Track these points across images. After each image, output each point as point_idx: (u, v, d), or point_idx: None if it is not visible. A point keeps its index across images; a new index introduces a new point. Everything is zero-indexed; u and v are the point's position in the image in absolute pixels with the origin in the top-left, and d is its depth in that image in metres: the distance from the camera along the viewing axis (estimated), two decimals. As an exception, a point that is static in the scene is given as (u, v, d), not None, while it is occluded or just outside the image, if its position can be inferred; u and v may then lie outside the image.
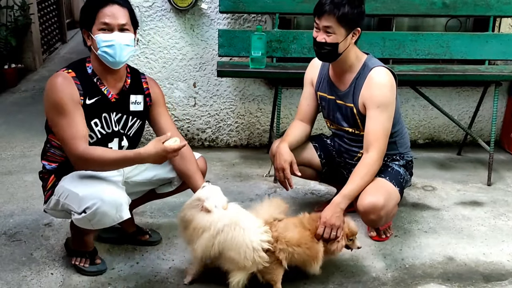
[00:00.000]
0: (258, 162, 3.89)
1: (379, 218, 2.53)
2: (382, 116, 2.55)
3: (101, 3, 2.24)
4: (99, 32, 2.24)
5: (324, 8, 2.46)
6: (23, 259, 2.61)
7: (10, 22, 5.73)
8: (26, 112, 4.94)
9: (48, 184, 2.39)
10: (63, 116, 2.21)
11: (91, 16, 2.24)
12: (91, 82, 2.32)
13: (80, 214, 2.23)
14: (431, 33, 3.82)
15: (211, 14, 3.84)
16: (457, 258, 2.73)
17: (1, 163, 3.76)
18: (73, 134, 2.20)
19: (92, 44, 2.28)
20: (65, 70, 2.28)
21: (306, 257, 2.31)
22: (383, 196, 2.51)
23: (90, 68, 2.33)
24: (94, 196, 2.20)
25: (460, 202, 3.35)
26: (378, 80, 2.55)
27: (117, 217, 2.24)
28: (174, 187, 2.61)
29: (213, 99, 4.06)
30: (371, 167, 2.55)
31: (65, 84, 2.23)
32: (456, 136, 4.34)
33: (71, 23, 8.88)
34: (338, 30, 2.47)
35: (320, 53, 2.59)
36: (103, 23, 2.23)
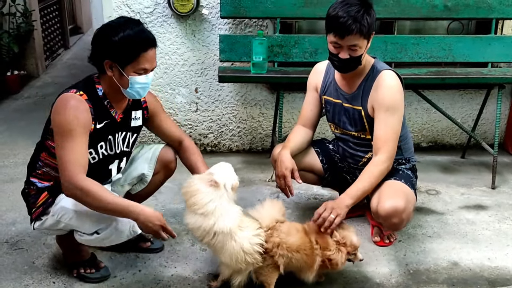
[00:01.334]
0: (261, 167, 3.88)
1: (401, 221, 2.51)
2: (392, 119, 2.53)
3: (144, 47, 2.18)
4: (134, 74, 2.21)
5: (350, 28, 2.35)
6: (25, 267, 2.60)
7: (12, 29, 5.73)
8: (28, 119, 4.94)
9: (39, 201, 2.34)
10: (70, 139, 2.14)
11: (130, 58, 2.17)
12: (102, 106, 2.28)
13: (92, 235, 2.24)
14: (433, 36, 3.80)
15: (212, 19, 3.83)
16: (462, 263, 2.70)
17: (4, 170, 3.76)
18: (74, 160, 2.13)
19: (117, 79, 2.23)
20: (77, 92, 2.21)
21: (303, 264, 2.30)
22: (403, 199, 2.50)
23: (101, 91, 2.28)
24: (108, 216, 2.20)
25: (464, 206, 3.32)
26: (388, 83, 2.54)
27: (131, 232, 2.28)
28: (146, 183, 2.62)
29: (215, 104, 4.06)
30: (379, 169, 2.53)
31: (80, 109, 2.17)
32: (459, 139, 4.32)
33: (74, 29, 8.90)
34: (362, 43, 2.43)
35: (345, 68, 2.53)
36: (143, 68, 2.21)
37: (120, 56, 2.17)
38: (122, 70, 2.19)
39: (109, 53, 2.18)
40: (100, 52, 2.21)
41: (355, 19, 2.36)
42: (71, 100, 2.17)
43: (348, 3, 2.41)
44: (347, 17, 2.36)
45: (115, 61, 2.19)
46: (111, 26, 2.21)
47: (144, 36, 2.19)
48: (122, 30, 2.15)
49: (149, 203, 2.83)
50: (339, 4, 2.43)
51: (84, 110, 2.18)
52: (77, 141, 2.15)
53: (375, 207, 2.52)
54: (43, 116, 4.88)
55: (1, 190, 3.44)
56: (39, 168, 2.36)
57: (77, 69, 6.85)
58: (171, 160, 2.60)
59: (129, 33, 2.15)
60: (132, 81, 2.21)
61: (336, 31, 2.41)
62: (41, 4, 6.74)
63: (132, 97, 2.32)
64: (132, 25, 2.19)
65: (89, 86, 2.27)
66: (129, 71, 2.20)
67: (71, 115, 2.13)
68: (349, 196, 2.45)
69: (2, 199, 3.32)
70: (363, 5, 2.41)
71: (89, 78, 2.31)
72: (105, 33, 2.20)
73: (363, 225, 3.03)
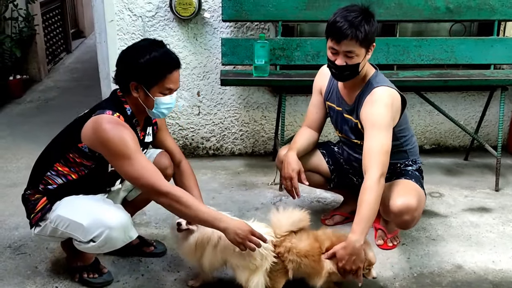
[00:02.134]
0: (263, 170, 3.87)
1: (412, 219, 2.51)
2: (379, 135, 2.42)
3: (169, 69, 2.22)
4: (160, 95, 2.24)
5: (345, 32, 2.35)
6: (28, 272, 2.60)
7: (15, 34, 5.74)
8: (31, 123, 4.95)
9: (38, 206, 2.35)
10: (136, 160, 2.18)
11: (156, 79, 2.21)
12: (132, 125, 2.32)
13: (88, 243, 2.26)
14: (435, 38, 3.79)
15: (214, 23, 3.83)
16: (466, 266, 2.69)
17: (7, 175, 3.76)
18: (153, 171, 2.20)
19: (143, 100, 2.26)
20: (113, 114, 2.23)
21: (312, 270, 2.29)
22: (415, 196, 2.51)
23: (129, 110, 2.32)
24: (100, 224, 2.22)
25: (468, 209, 3.31)
26: (377, 99, 2.48)
27: (127, 238, 2.29)
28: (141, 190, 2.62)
29: (217, 108, 4.05)
30: (375, 191, 2.33)
31: (126, 131, 2.20)
32: (462, 141, 4.30)
33: (76, 33, 8.92)
34: (359, 51, 2.41)
35: (341, 76, 2.52)
36: (168, 88, 2.24)
37: (147, 78, 2.21)
38: (148, 91, 2.23)
39: (136, 75, 2.21)
40: (126, 74, 2.24)
41: (352, 24, 2.36)
42: (117, 123, 2.20)
43: (348, 10, 2.42)
44: (343, 22, 2.37)
45: (141, 82, 2.22)
46: (137, 48, 2.24)
47: (170, 58, 2.24)
48: (148, 53, 2.19)
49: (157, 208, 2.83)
50: (340, 10, 2.44)
51: (130, 130, 2.24)
52: (141, 157, 2.20)
53: (387, 204, 2.50)
54: (46, 121, 4.95)
55: (4, 195, 3.44)
56: (49, 177, 2.36)
57: (79, 73, 6.87)
58: (166, 166, 2.58)
59: (155, 55, 2.19)
60: (157, 101, 2.25)
61: (332, 36, 2.43)
62: (43, 9, 6.76)
63: (157, 117, 2.37)
64: (157, 47, 2.23)
65: (120, 107, 2.30)
66: (155, 92, 2.24)
67: (127, 141, 2.17)
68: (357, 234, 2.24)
69: (5, 203, 3.32)
70: (363, 13, 2.41)
71: (116, 99, 2.33)
72: (131, 55, 2.23)
73: (367, 229, 3.02)
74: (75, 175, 2.34)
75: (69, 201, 2.32)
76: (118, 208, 2.33)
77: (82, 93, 5.90)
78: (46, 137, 4.26)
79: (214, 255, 2.28)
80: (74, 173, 2.34)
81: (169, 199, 2.18)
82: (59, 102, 5.66)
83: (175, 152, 2.64)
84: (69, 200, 2.33)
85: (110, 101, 2.33)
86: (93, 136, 2.21)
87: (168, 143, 2.63)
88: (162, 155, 2.61)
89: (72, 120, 2.43)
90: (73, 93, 5.94)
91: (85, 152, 2.28)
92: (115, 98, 2.33)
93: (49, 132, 4.58)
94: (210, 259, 2.29)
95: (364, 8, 2.44)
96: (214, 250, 2.28)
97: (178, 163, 2.63)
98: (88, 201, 2.34)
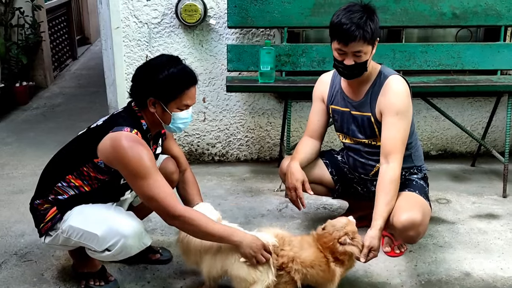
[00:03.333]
0: (269, 177, 3.86)
1: (417, 234, 2.47)
2: (400, 124, 2.52)
3: (187, 85, 2.24)
4: (177, 110, 2.26)
5: (353, 34, 2.37)
6: (34, 279, 2.60)
7: (21, 41, 5.77)
8: (37, 129, 4.96)
9: (48, 216, 2.34)
10: (152, 179, 2.19)
11: (174, 94, 2.23)
12: (147, 140, 2.33)
13: (103, 252, 2.26)
14: (441, 44, 3.78)
15: (219, 29, 3.84)
16: (474, 274, 2.67)
17: (12, 181, 3.77)
18: (168, 192, 2.21)
19: (160, 115, 2.27)
20: (131, 131, 2.23)
21: (320, 279, 2.27)
22: (420, 211, 2.47)
23: (145, 125, 2.32)
24: (115, 233, 2.23)
25: (476, 215, 3.29)
26: (396, 88, 2.54)
27: (141, 245, 2.32)
28: None
29: (222, 114, 4.05)
30: (396, 182, 2.49)
31: (144, 149, 2.20)
32: (469, 147, 4.28)
33: (82, 40, 8.96)
34: (366, 49, 2.43)
35: (351, 74, 2.54)
36: (186, 104, 2.26)
37: (165, 93, 2.23)
38: (166, 106, 2.24)
39: (154, 90, 2.23)
40: (144, 89, 2.25)
41: (358, 25, 2.37)
42: (135, 141, 2.20)
43: (350, 10, 2.42)
44: (350, 23, 2.37)
45: (159, 98, 2.23)
46: (154, 64, 2.26)
47: (188, 74, 2.26)
48: (166, 69, 2.20)
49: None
50: (342, 11, 2.44)
51: (148, 149, 2.24)
52: (158, 177, 2.21)
53: (391, 220, 2.47)
54: (52, 127, 4.96)
55: (10, 202, 3.44)
56: (59, 187, 2.34)
57: (84, 80, 6.90)
58: (172, 171, 2.58)
59: (173, 71, 2.21)
60: (174, 117, 2.27)
61: (340, 38, 2.43)
62: (49, 16, 6.79)
63: (173, 132, 2.40)
64: (175, 63, 2.25)
65: (137, 123, 2.30)
66: (172, 107, 2.25)
67: (146, 161, 2.18)
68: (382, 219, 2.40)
69: (11, 210, 3.32)
70: (365, 11, 2.42)
71: (133, 113, 2.32)
72: (149, 71, 2.25)
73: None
74: (88, 188, 2.33)
75: (80, 211, 2.31)
76: (130, 216, 2.34)
77: (87, 100, 5.92)
78: (52, 144, 4.31)
79: (214, 263, 2.27)
80: (87, 186, 2.33)
81: (182, 222, 2.21)
82: (65, 108, 5.68)
83: (181, 159, 2.65)
84: (80, 210, 2.31)
85: (127, 117, 2.31)
86: (111, 154, 2.20)
87: (174, 151, 2.65)
88: (168, 160, 2.61)
89: (78, 127, 2.43)
90: (78, 100, 5.96)
91: (101, 168, 2.27)
92: (131, 113, 2.32)
93: (54, 138, 4.64)
94: (209, 266, 2.28)
95: (365, 5, 2.46)
96: (213, 258, 2.27)
97: (183, 171, 2.64)
98: (99, 210, 2.32)
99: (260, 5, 3.60)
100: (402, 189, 2.58)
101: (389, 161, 2.50)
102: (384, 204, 2.44)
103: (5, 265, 2.71)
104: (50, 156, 2.50)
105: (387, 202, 2.44)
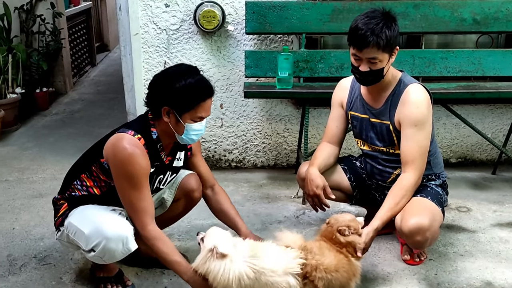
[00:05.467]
0: (286, 183, 3.85)
1: (425, 240, 2.45)
2: (420, 135, 2.50)
3: (203, 97, 2.23)
4: (191, 122, 2.24)
5: (366, 40, 2.36)
6: (53, 283, 2.61)
7: (42, 47, 5.86)
8: (57, 135, 5.01)
9: (60, 211, 2.40)
10: (136, 189, 2.22)
11: (190, 105, 2.21)
12: (155, 150, 2.32)
13: (90, 252, 2.27)
14: (462, 50, 3.73)
15: (237, 35, 3.85)
16: (496, 283, 2.61)
17: (32, 186, 3.81)
18: (144, 209, 2.24)
19: (173, 125, 2.26)
20: (135, 135, 2.23)
21: (344, 280, 2.26)
22: (428, 216, 2.45)
23: (155, 134, 2.31)
24: (99, 234, 2.23)
25: (497, 224, 3.23)
26: (415, 97, 2.51)
27: (124, 250, 2.28)
28: (166, 208, 2.66)
29: (240, 120, 4.05)
30: (408, 191, 2.51)
31: (140, 156, 2.20)
32: (490, 155, 4.21)
33: (101, 47, 9.07)
34: (382, 57, 2.42)
35: (366, 81, 2.53)
36: (200, 116, 2.25)
37: (180, 103, 2.21)
38: (180, 117, 2.22)
39: (169, 100, 2.21)
40: (160, 98, 2.23)
41: (373, 31, 2.36)
42: (132, 147, 2.19)
43: (369, 16, 2.41)
44: (365, 29, 2.37)
45: (173, 108, 2.22)
46: (172, 73, 2.25)
47: (205, 85, 2.24)
48: (184, 79, 2.19)
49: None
50: (361, 16, 2.44)
51: (145, 157, 2.23)
52: (143, 190, 2.23)
53: (399, 224, 2.47)
54: (71, 133, 5.01)
55: (30, 205, 3.48)
56: (75, 186, 2.40)
57: (103, 86, 6.96)
58: (193, 189, 2.58)
59: (190, 81, 2.19)
60: (188, 128, 2.25)
61: (354, 44, 2.43)
62: (69, 23, 6.89)
63: (186, 143, 2.36)
64: (193, 73, 2.23)
65: (146, 130, 2.29)
66: (186, 118, 2.23)
67: (136, 166, 2.18)
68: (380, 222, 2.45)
69: (31, 214, 3.35)
70: (384, 18, 2.40)
71: (145, 120, 2.33)
72: (165, 80, 2.23)
73: (392, 243, 2.97)
74: (97, 190, 2.36)
75: (82, 209, 2.36)
76: (120, 219, 2.31)
77: (106, 106, 5.97)
78: (71, 149, 4.36)
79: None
80: (97, 188, 2.36)
81: (147, 242, 2.27)
82: (83, 114, 5.74)
83: (206, 177, 2.63)
84: (82, 209, 2.36)
85: (138, 122, 2.34)
86: (109, 153, 2.23)
87: (201, 168, 2.63)
88: (191, 177, 2.61)
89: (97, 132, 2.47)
90: (97, 106, 6.02)
91: (105, 169, 2.29)
92: (144, 119, 2.33)
93: (74, 144, 4.68)
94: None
95: (385, 12, 2.44)
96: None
97: (211, 188, 2.64)
98: (96, 210, 2.34)
99: (278, 11, 3.61)
100: (415, 194, 2.56)
101: (407, 171, 2.52)
102: (388, 208, 2.47)
103: (24, 268, 2.73)
104: (69, 161, 2.54)
105: (391, 207, 2.48)
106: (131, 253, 2.68)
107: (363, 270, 2.53)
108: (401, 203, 2.50)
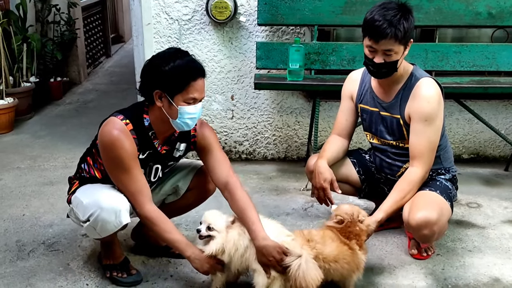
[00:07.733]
0: (296, 176, 3.84)
1: (432, 234, 2.45)
2: (429, 130, 2.48)
3: (193, 76, 2.20)
4: (184, 104, 2.21)
5: (384, 32, 2.33)
6: (60, 269, 2.64)
7: (56, 37, 5.91)
8: (69, 124, 5.06)
9: (72, 188, 2.48)
10: (124, 172, 2.25)
11: (180, 86, 2.19)
12: (146, 137, 2.32)
13: (85, 222, 2.32)
14: (476, 44, 3.68)
15: (249, 26, 3.84)
16: (504, 280, 2.58)
17: (44, 173, 3.85)
18: (137, 190, 2.28)
19: (166, 109, 2.23)
20: (123, 120, 2.25)
21: (345, 272, 2.26)
22: (436, 210, 2.44)
23: (147, 121, 2.31)
24: (95, 205, 2.28)
25: (507, 220, 3.18)
26: (426, 92, 2.48)
27: (117, 222, 2.29)
28: (179, 196, 2.65)
29: (250, 112, 4.05)
30: (414, 185, 2.51)
31: (124, 140, 2.21)
32: (503, 151, 4.15)
33: (116, 38, 9.11)
34: (398, 48, 2.39)
35: (379, 73, 2.49)
36: (193, 98, 2.22)
37: (170, 85, 2.20)
38: (172, 99, 2.21)
39: (159, 83, 2.21)
40: (150, 82, 2.24)
41: (391, 23, 2.32)
42: (116, 132, 2.21)
43: (385, 7, 2.38)
44: (382, 21, 2.33)
45: (164, 90, 2.21)
46: (161, 56, 2.25)
47: (193, 65, 2.23)
48: (172, 60, 2.19)
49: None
50: (377, 7, 2.40)
51: (130, 141, 2.24)
52: (133, 172, 2.26)
53: (406, 217, 2.47)
54: (83, 122, 5.05)
55: (41, 192, 3.52)
56: (82, 168, 2.48)
57: (117, 76, 7.01)
58: (208, 180, 2.57)
59: (179, 62, 2.19)
60: (181, 111, 2.22)
61: (371, 35, 2.39)
62: (84, 13, 6.93)
63: (181, 129, 2.30)
64: (181, 55, 2.23)
65: (137, 116, 2.30)
66: (179, 100, 2.21)
67: (121, 149, 2.21)
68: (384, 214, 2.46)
69: (42, 201, 3.39)
70: (401, 10, 2.37)
71: (138, 107, 2.34)
72: (155, 63, 2.23)
73: (400, 237, 2.95)
74: (98, 173, 2.41)
75: (87, 186, 2.42)
76: (118, 194, 2.32)
77: (119, 96, 6.00)
78: (83, 138, 4.38)
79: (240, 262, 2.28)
80: (98, 171, 2.40)
81: (145, 222, 2.33)
82: (97, 104, 5.78)
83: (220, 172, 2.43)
84: (88, 185, 2.42)
85: (131, 108, 2.35)
86: (98, 136, 2.29)
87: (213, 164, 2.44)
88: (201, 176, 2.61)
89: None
90: (110, 96, 6.06)
91: None
92: (138, 106, 2.34)
93: (86, 133, 4.70)
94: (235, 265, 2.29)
95: (401, 4, 2.41)
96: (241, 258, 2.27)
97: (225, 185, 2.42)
98: (98, 186, 2.38)
99: (290, 2, 3.59)
100: (423, 188, 2.55)
101: (414, 165, 2.51)
102: (394, 202, 2.48)
103: (33, 254, 2.77)
104: (81, 150, 2.60)
105: (397, 200, 2.48)
106: (139, 240, 2.73)
107: (369, 264, 2.54)
108: (406, 197, 2.49)
